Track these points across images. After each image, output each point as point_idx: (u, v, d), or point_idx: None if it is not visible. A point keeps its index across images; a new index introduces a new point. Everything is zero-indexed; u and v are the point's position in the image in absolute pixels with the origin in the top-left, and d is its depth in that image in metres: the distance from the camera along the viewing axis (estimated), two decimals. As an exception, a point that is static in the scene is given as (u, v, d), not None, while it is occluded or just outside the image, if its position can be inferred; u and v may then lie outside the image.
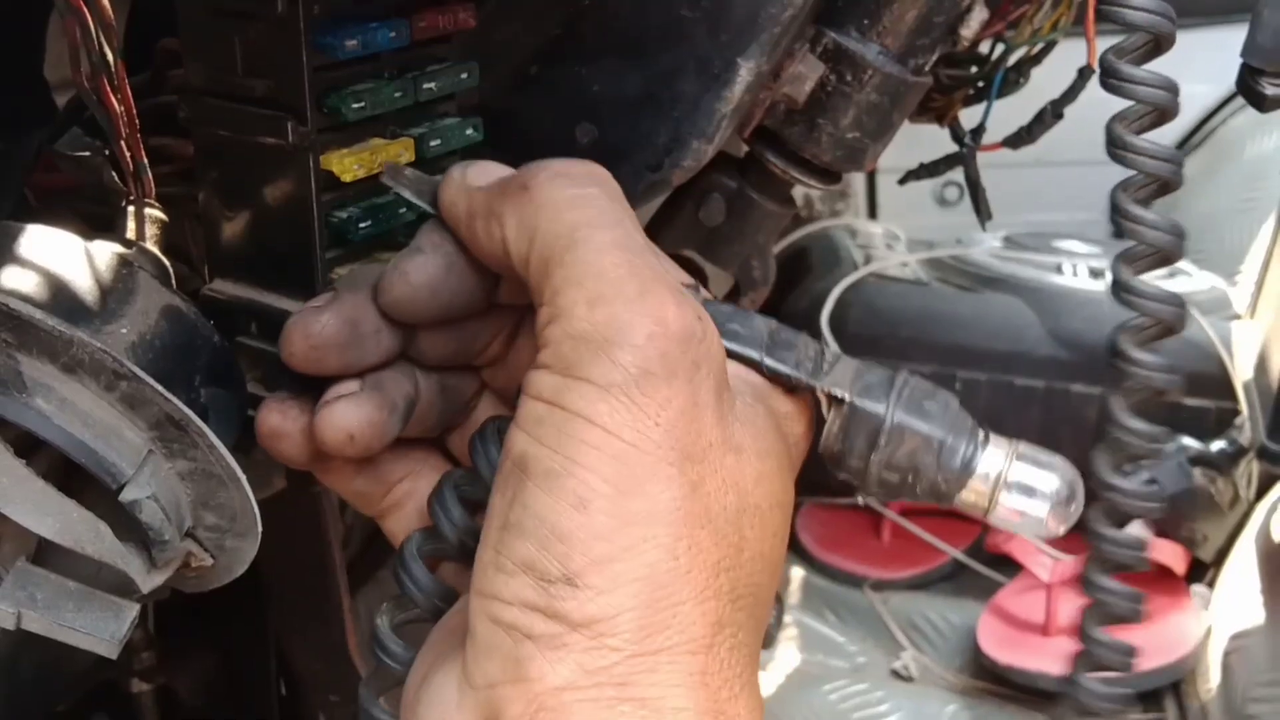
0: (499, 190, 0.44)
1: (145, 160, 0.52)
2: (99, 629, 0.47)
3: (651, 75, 0.59)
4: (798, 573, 1.39)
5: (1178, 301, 0.48)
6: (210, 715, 0.88)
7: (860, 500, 1.45)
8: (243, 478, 0.47)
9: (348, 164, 0.50)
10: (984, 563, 1.42)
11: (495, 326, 0.49)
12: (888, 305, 1.48)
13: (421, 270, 0.46)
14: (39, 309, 0.44)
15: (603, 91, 0.60)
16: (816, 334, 1.32)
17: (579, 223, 0.42)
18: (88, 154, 0.51)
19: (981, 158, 0.80)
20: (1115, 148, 0.48)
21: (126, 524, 0.47)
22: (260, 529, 0.49)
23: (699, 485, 0.40)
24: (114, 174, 0.52)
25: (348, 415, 0.46)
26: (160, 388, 0.45)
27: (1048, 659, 1.24)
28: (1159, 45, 0.50)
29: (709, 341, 0.41)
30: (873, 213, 1.98)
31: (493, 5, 0.57)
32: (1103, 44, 0.54)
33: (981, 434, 0.46)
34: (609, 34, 0.59)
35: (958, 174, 0.84)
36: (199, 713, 0.87)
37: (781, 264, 0.81)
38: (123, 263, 0.49)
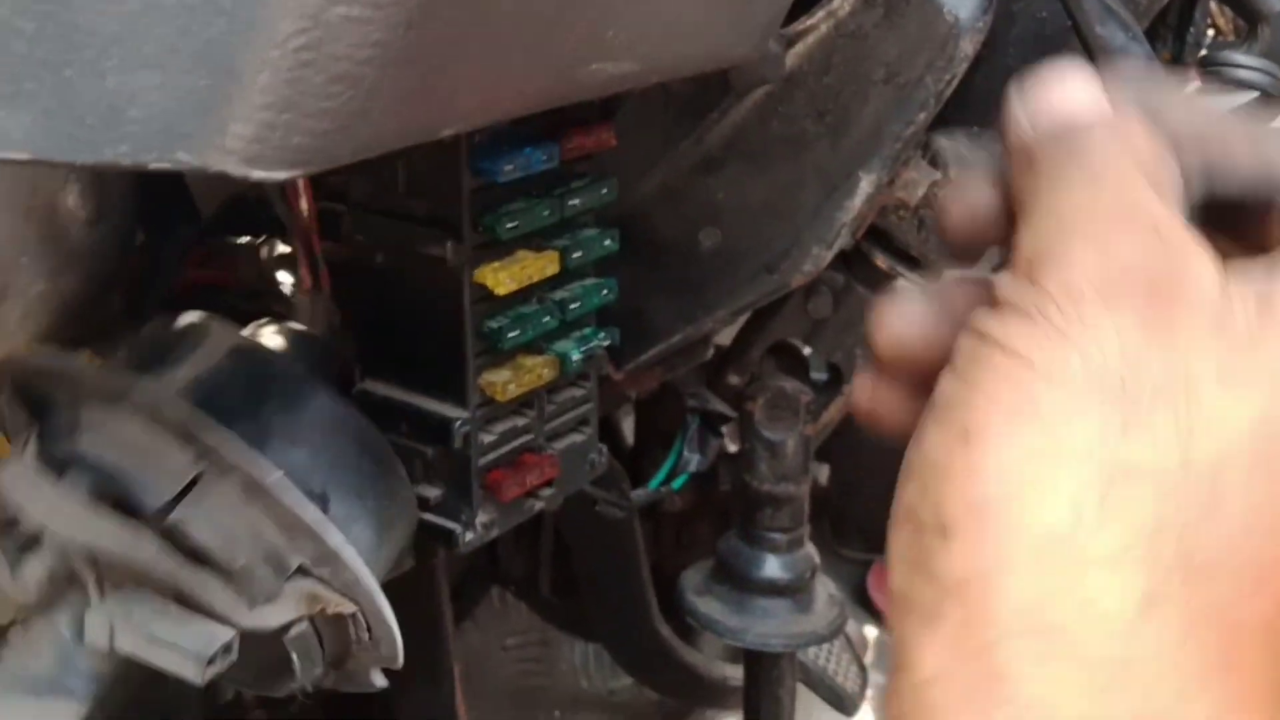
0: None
1: (320, 256, 0.56)
2: (188, 646, 0.48)
3: (774, 184, 0.62)
4: (872, 633, 1.40)
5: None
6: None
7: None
8: (272, 481, 0.47)
9: (501, 278, 0.53)
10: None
11: None
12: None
13: None
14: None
15: (727, 199, 0.63)
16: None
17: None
18: (243, 242, 0.55)
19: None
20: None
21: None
22: (344, 545, 0.49)
23: (1131, 426, 0.32)
24: (283, 270, 0.56)
25: None
26: (163, 396, 0.48)
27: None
28: None
29: (1177, 269, 0.34)
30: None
31: (626, 119, 0.60)
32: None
33: None
34: (734, 145, 0.62)
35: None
36: (305, 769, 0.90)
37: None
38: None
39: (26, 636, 0.49)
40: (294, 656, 0.50)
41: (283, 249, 0.66)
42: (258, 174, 0.27)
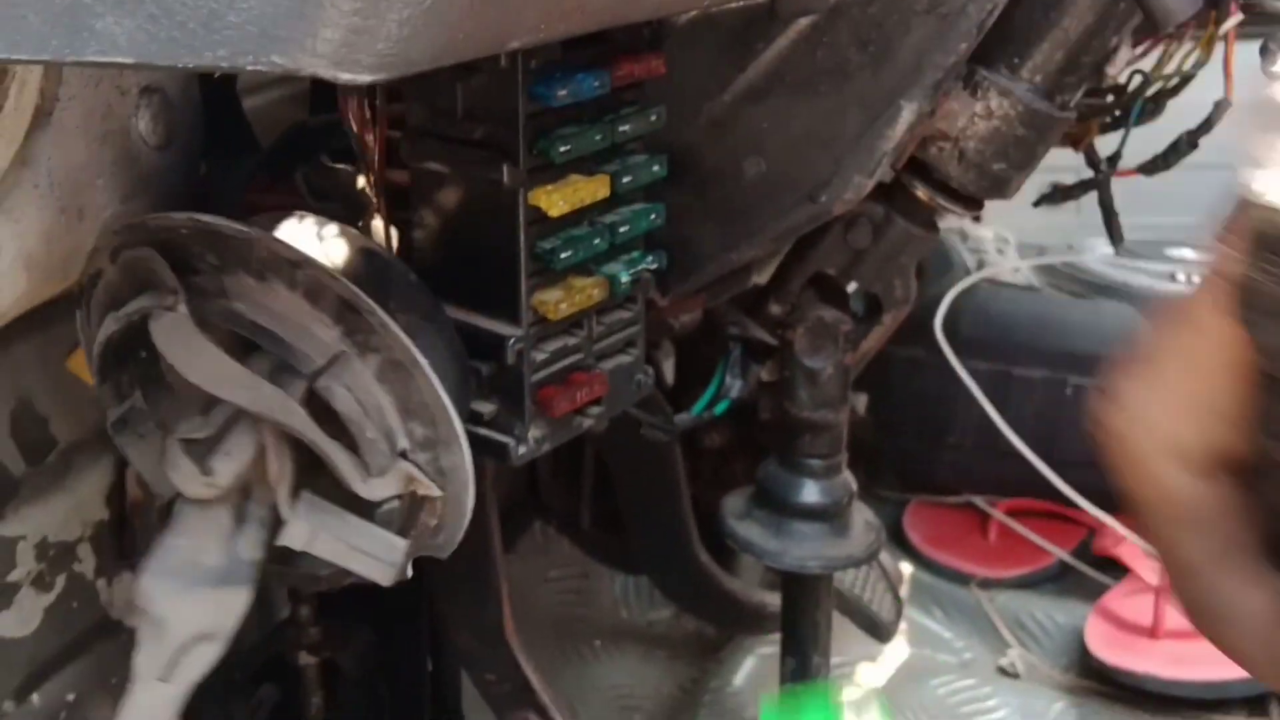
0: None
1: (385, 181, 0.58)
2: (379, 552, 0.52)
3: (817, 113, 0.64)
4: (906, 568, 1.42)
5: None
6: (368, 687, 0.95)
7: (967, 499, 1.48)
8: (423, 362, 0.51)
9: (554, 200, 0.55)
10: (1090, 565, 1.45)
11: None
12: (1000, 310, 1.50)
13: None
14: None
15: (771, 128, 0.64)
16: (929, 338, 1.35)
17: None
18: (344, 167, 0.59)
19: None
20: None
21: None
22: (460, 430, 0.53)
23: None
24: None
25: None
26: (332, 271, 0.50)
27: (1155, 661, 1.26)
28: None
29: None
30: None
31: (673, 50, 0.62)
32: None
33: None
34: (779, 75, 0.64)
35: (1062, 175, 0.87)
36: (358, 685, 0.94)
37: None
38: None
39: (185, 527, 0.52)
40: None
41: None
42: (345, 76, 0.29)
